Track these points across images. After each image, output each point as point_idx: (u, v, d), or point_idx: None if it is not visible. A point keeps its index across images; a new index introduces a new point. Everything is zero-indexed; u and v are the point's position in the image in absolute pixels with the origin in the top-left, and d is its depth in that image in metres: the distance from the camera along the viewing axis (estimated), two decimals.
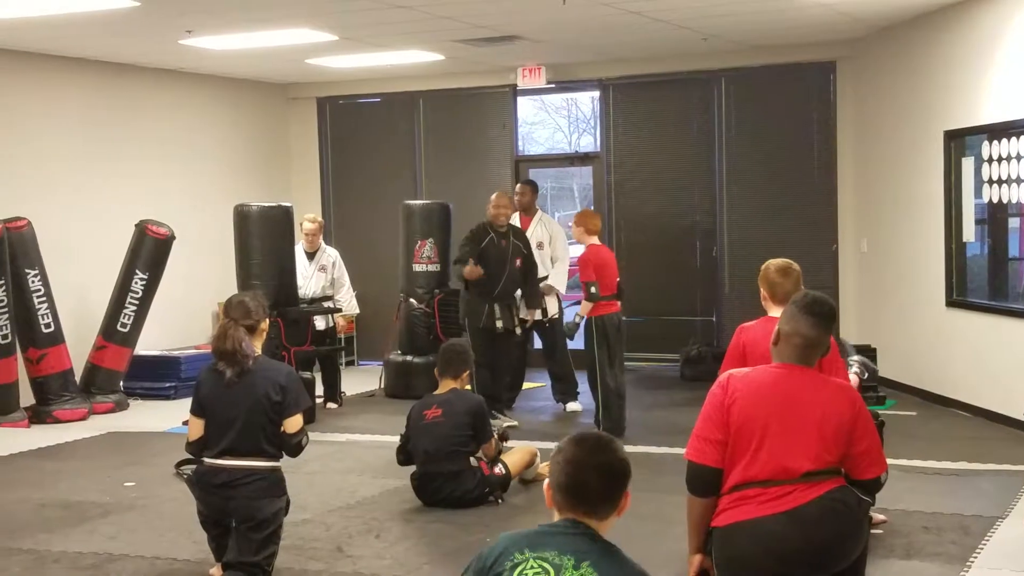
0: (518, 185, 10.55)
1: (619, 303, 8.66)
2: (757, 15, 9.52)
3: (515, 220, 9.77)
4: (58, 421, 9.61)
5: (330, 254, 10.54)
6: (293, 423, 5.07)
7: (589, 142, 19.27)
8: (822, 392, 3.89)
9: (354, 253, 11.88)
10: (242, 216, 9.67)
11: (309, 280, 10.23)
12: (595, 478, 2.73)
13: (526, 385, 10.26)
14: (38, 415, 9.66)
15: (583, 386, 9.29)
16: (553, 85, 12.51)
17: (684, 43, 10.87)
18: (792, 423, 3.79)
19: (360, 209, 13.21)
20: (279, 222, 9.78)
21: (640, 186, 12.34)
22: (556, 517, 2.77)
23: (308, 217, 10.50)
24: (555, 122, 24.42)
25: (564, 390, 9.80)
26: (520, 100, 13.05)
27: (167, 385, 10.76)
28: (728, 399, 3.85)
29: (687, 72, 11.92)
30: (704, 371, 11.04)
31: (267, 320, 5.36)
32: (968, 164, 9.12)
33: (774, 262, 5.25)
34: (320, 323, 10.14)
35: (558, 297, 9.91)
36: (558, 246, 10.01)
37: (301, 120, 13.53)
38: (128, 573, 5.52)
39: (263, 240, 9.54)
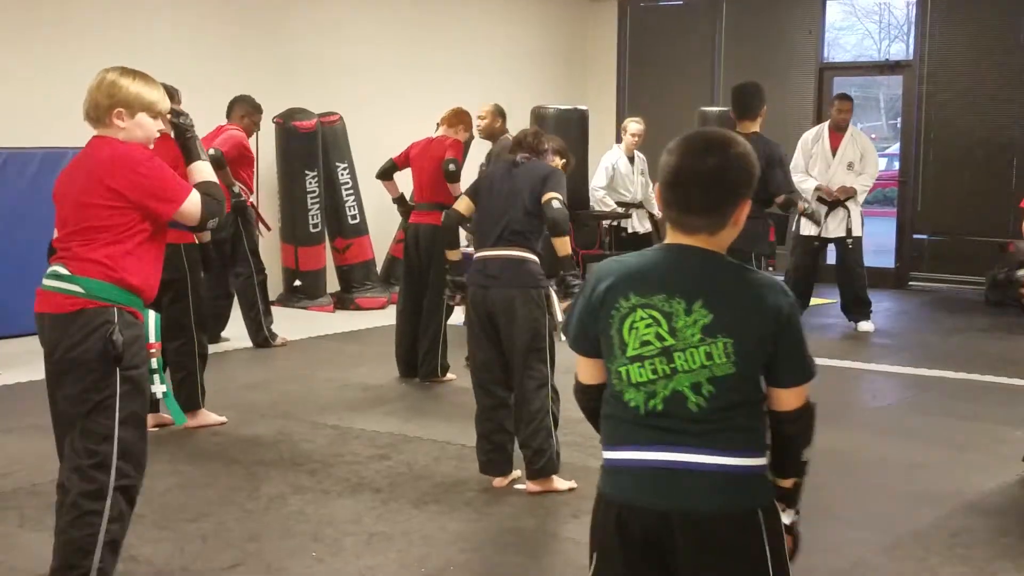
0: (837, 99, 9.81)
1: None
2: None
3: (825, 136, 9.46)
4: (359, 308, 10.26)
5: (642, 159, 10.58)
6: (549, 195, 5.22)
7: (900, 50, 18.41)
8: None
9: (647, 160, 11.89)
10: (540, 118, 9.87)
11: (635, 183, 10.37)
12: (710, 181, 2.39)
13: (816, 301, 10.05)
14: (342, 301, 10.34)
15: None
16: None
17: None
18: None
19: (655, 115, 13.15)
20: (575, 125, 9.95)
21: (954, 98, 11.78)
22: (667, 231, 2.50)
23: (635, 119, 10.42)
24: (864, 28, 23.44)
25: (857, 310, 9.56)
26: (828, 4, 12.64)
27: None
28: None
29: None
30: (1013, 295, 10.52)
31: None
32: None
33: None
34: (639, 227, 10.35)
35: (861, 216, 9.53)
36: (869, 162, 9.48)
37: (601, 24, 13.62)
38: (421, 453, 5.86)
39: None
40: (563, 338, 2.64)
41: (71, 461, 3.69)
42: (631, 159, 10.35)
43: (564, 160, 5.67)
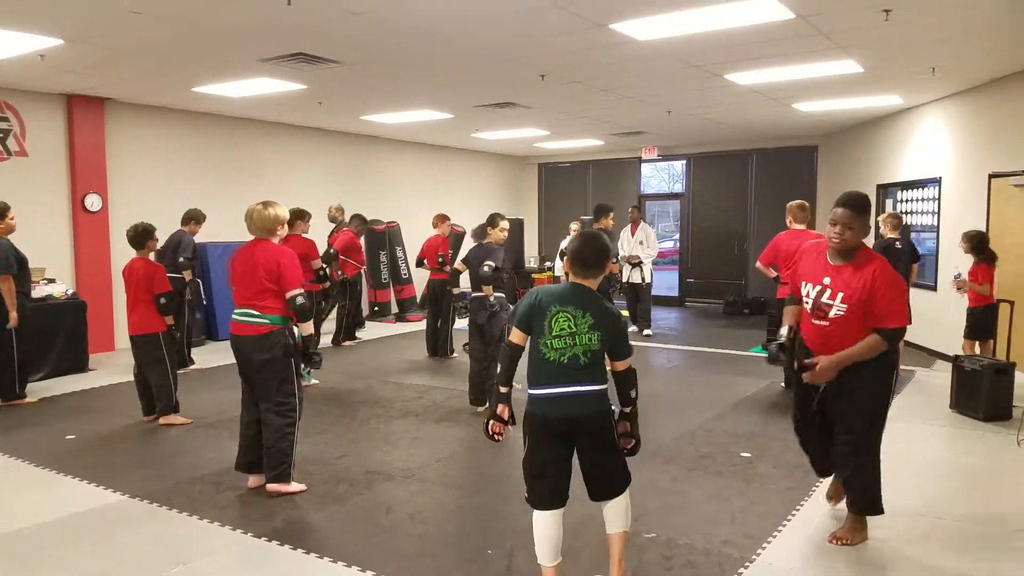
0: (631, 208, 9.41)
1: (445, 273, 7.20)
2: (773, 118, 8.98)
3: (628, 228, 9.11)
4: (407, 321, 10.07)
5: None
6: (485, 264, 5.02)
7: (679, 186, 18.59)
8: None
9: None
10: None
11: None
12: (592, 255, 2.59)
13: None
14: (399, 318, 10.17)
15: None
16: (661, 157, 12.15)
17: (732, 134, 10.39)
18: None
19: (559, 219, 13.20)
20: (516, 227, 10.03)
21: (705, 211, 11.88)
22: (569, 277, 2.66)
23: (577, 221, 9.65)
24: (661, 176, 23.60)
25: (642, 322, 8.97)
26: (643, 165, 12.74)
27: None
28: None
29: (735, 150, 11.37)
30: (737, 309, 10.57)
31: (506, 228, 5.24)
32: (889, 203, 8.41)
33: (794, 202, 5.44)
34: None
35: (651, 271, 9.07)
36: (651, 242, 9.10)
37: (529, 174, 13.61)
38: (440, 395, 5.76)
39: (513, 236, 9.51)
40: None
41: (271, 409, 3.59)
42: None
43: (496, 227, 5.27)
